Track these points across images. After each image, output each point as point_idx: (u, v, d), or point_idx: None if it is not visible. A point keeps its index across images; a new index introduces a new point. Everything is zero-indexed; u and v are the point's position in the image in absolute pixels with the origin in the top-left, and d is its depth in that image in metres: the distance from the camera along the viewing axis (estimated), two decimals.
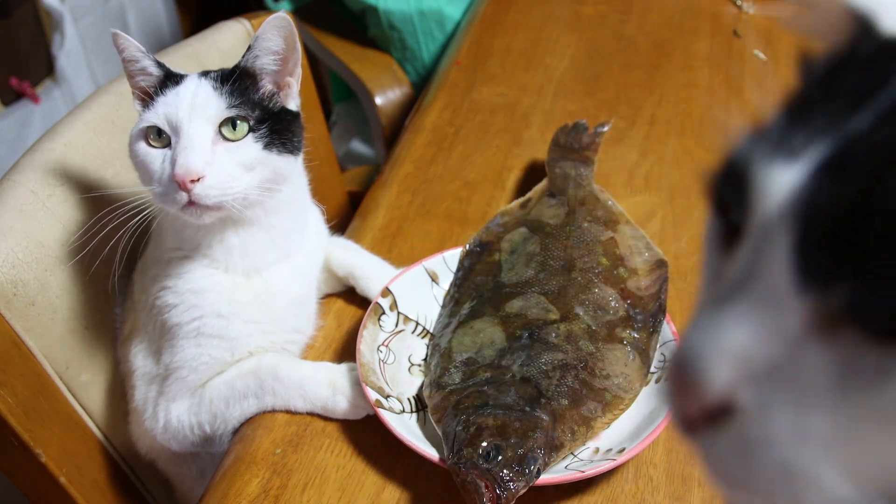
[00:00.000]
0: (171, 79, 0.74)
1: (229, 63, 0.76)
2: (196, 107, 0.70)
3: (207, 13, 1.75)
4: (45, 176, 0.83)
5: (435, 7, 1.51)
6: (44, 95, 1.84)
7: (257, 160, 0.72)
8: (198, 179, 0.68)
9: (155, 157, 0.71)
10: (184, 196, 0.68)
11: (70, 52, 1.89)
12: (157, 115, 0.71)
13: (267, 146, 0.72)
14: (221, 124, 0.71)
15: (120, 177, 0.88)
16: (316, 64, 1.72)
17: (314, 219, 0.87)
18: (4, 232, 0.78)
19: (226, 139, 0.71)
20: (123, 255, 0.74)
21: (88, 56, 1.97)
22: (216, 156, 0.70)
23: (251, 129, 0.72)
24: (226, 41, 1.07)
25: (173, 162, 0.69)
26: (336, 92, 1.82)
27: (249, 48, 0.74)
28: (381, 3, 1.51)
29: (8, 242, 0.78)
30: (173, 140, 0.70)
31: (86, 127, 0.90)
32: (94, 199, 0.84)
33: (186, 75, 0.75)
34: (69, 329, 0.83)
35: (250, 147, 0.71)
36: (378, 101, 1.49)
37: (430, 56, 1.55)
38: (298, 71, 0.77)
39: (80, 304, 0.84)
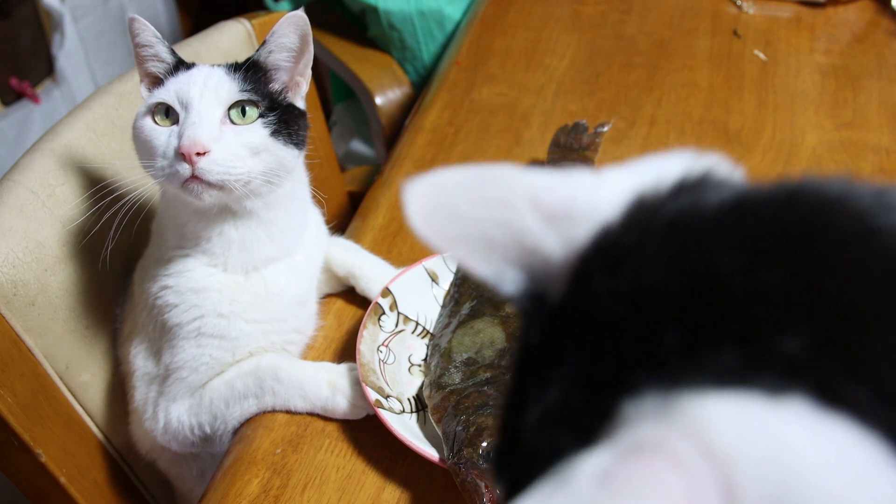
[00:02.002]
0: (182, 65, 0.75)
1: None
2: (209, 86, 0.71)
3: (207, 13, 1.75)
4: (45, 176, 0.83)
5: (435, 7, 1.51)
6: (44, 95, 1.84)
7: (263, 146, 0.72)
8: (203, 154, 0.68)
9: (160, 133, 0.71)
10: (187, 169, 0.68)
11: (70, 52, 1.90)
12: (168, 92, 0.72)
13: (274, 134, 0.72)
14: (231, 108, 0.71)
15: (120, 177, 0.88)
16: (316, 64, 1.71)
17: (314, 219, 0.87)
18: (4, 232, 0.78)
19: (233, 123, 0.71)
20: (117, 232, 0.74)
21: (88, 56, 1.97)
22: (223, 134, 0.70)
23: (260, 115, 0.72)
24: (226, 41, 1.07)
25: (180, 135, 0.69)
26: (336, 92, 1.81)
27: (264, 43, 0.74)
28: (381, 3, 1.50)
29: (8, 242, 0.78)
30: (182, 116, 0.71)
31: (86, 127, 0.90)
32: (94, 198, 0.84)
33: (197, 65, 0.75)
34: (69, 329, 0.83)
35: (258, 131, 0.72)
36: (378, 101, 1.49)
37: (430, 56, 1.55)
38: (308, 72, 0.77)
39: (80, 304, 0.84)
